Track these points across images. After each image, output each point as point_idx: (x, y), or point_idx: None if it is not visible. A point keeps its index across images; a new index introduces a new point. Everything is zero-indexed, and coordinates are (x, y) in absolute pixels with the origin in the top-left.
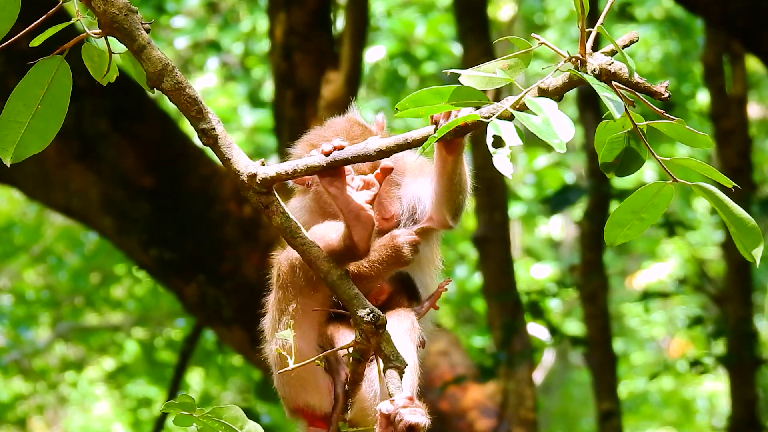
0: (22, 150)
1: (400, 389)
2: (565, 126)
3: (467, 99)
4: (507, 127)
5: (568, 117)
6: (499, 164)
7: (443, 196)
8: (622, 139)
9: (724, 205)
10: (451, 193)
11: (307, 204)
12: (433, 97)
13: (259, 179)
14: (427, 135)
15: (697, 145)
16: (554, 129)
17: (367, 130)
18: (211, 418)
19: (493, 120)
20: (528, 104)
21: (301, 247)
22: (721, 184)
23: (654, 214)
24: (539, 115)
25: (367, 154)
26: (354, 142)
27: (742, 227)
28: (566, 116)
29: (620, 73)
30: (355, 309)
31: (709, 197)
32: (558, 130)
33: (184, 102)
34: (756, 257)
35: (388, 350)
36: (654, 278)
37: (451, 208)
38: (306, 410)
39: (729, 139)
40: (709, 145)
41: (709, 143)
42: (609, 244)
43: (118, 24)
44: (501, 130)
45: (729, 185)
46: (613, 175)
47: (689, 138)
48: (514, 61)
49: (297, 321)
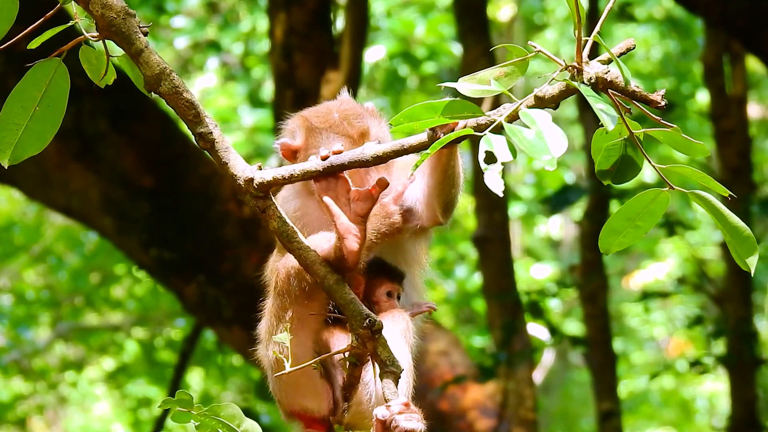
0: (19, 152)
1: (396, 394)
2: (557, 140)
3: (461, 112)
4: (499, 143)
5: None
6: (490, 182)
7: (435, 189)
8: (618, 147)
9: (719, 213)
10: (443, 186)
11: (298, 188)
12: (427, 111)
13: (256, 183)
14: (423, 142)
15: (693, 154)
16: (546, 143)
17: (362, 110)
18: (208, 415)
19: (486, 135)
20: (522, 117)
21: (298, 251)
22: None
23: (650, 222)
24: (532, 127)
25: (364, 160)
26: (348, 120)
27: (737, 235)
28: (559, 129)
29: (616, 81)
30: (351, 314)
31: (705, 205)
32: (550, 143)
33: (181, 106)
34: (751, 266)
35: (384, 355)
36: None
37: (443, 201)
38: (302, 414)
39: (729, 139)
40: (704, 153)
41: (704, 152)
42: (604, 252)
43: (115, 27)
44: (494, 145)
45: (725, 194)
46: (610, 182)
47: (685, 146)
48: (510, 68)
49: (293, 327)
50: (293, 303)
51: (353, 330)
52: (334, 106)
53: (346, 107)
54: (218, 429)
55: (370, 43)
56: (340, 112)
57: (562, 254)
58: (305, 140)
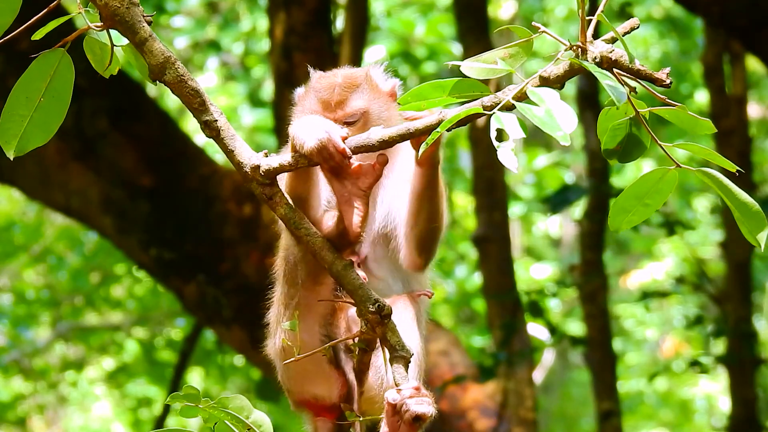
0: (24, 143)
1: (406, 379)
2: (568, 116)
3: (469, 91)
4: (510, 120)
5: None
6: (504, 158)
7: (410, 222)
8: (624, 126)
9: (728, 190)
10: (418, 219)
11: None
12: (435, 90)
13: (262, 170)
14: (430, 125)
15: (699, 131)
16: (557, 120)
17: (373, 85)
18: (216, 408)
19: (495, 113)
20: (530, 95)
21: (306, 237)
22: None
23: (658, 200)
24: (541, 106)
25: (370, 145)
26: (355, 91)
27: (746, 212)
28: (568, 106)
29: (621, 60)
30: (360, 299)
31: (713, 182)
32: (561, 120)
33: (186, 94)
34: (761, 241)
35: (393, 340)
36: (648, 277)
37: (417, 236)
38: (312, 402)
39: (729, 139)
40: (711, 129)
41: (711, 128)
42: (614, 230)
43: (119, 17)
44: (504, 123)
45: (733, 170)
46: (616, 161)
47: (691, 124)
48: (514, 50)
49: (302, 314)
50: (302, 288)
51: (362, 315)
52: (340, 75)
53: (348, 79)
54: (226, 421)
55: (370, 43)
56: (339, 84)
57: (562, 254)
58: (303, 99)
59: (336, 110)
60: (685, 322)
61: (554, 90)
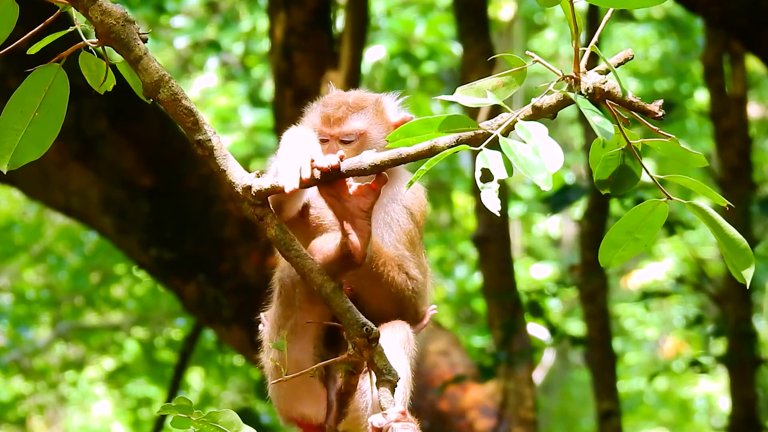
0: (18, 157)
1: (392, 403)
2: (554, 155)
3: (457, 127)
4: (495, 159)
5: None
6: (487, 201)
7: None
8: (616, 157)
9: (716, 224)
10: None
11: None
12: (424, 127)
13: (253, 191)
14: (422, 150)
15: (690, 165)
16: (542, 159)
17: (379, 110)
18: (207, 422)
19: (482, 150)
20: (518, 130)
21: (295, 259)
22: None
23: (649, 234)
24: (528, 142)
25: (362, 168)
26: (359, 112)
27: (733, 247)
28: (556, 144)
29: (614, 92)
30: (348, 322)
31: (702, 216)
32: (547, 158)
33: (179, 113)
34: (747, 278)
35: (380, 364)
36: (649, 278)
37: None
38: (301, 420)
39: (729, 139)
40: (702, 163)
41: (702, 162)
42: (604, 266)
43: (114, 34)
44: (490, 162)
45: (723, 204)
46: (609, 192)
47: (683, 157)
48: (507, 78)
49: (296, 334)
50: (297, 309)
51: (350, 338)
52: (353, 96)
53: (357, 101)
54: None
55: (370, 42)
56: (347, 103)
57: (562, 254)
58: (311, 111)
59: (333, 126)
60: (685, 322)
61: (543, 125)
